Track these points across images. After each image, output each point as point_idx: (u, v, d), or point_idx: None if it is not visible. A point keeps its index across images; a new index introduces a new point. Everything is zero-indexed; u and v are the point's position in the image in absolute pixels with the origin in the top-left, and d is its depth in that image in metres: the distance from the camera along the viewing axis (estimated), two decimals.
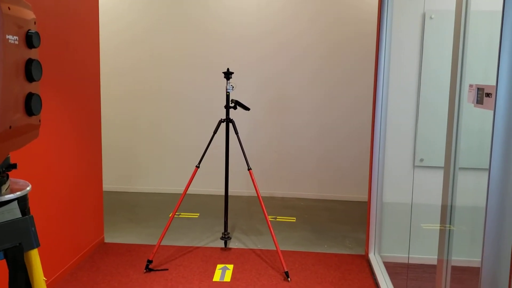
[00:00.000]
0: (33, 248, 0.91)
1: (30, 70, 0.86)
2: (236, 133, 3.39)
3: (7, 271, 0.88)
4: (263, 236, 3.86)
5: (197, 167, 3.39)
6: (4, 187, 0.90)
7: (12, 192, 0.90)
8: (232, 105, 3.44)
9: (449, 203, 2.06)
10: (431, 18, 3.06)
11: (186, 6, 4.91)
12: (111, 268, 3.16)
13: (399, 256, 3.30)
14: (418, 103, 3.15)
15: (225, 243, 3.58)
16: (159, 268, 3.17)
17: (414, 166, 3.18)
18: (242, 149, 3.35)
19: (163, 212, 4.44)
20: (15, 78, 0.83)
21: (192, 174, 3.34)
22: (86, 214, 3.35)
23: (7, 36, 0.80)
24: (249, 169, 3.32)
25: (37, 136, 0.93)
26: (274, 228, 3.82)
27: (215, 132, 3.42)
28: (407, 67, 3.15)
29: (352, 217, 4.47)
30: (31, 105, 0.87)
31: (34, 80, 0.88)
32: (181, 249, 3.53)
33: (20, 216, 0.90)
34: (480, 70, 2.18)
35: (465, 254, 2.49)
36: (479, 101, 1.67)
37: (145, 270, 3.13)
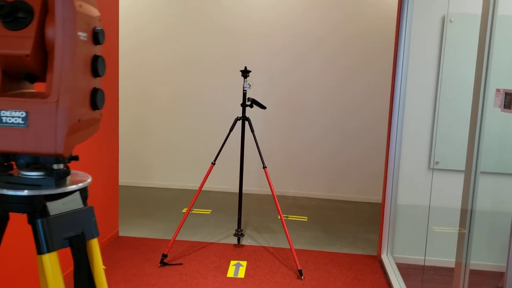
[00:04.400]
0: (93, 237, 0.95)
1: (96, 66, 0.90)
2: (252, 131, 3.42)
3: (64, 257, 0.91)
4: (275, 234, 3.89)
5: (213, 164, 3.42)
6: (68, 178, 0.94)
7: (73, 183, 0.94)
8: (249, 103, 3.47)
9: (469, 207, 2.09)
10: (451, 21, 3.08)
11: (198, 4, 4.94)
12: (126, 262, 3.20)
13: (412, 257, 3.32)
14: (436, 106, 3.17)
15: (238, 240, 3.61)
16: (173, 263, 3.21)
17: (430, 169, 3.21)
18: (258, 148, 3.37)
19: (176, 207, 4.48)
20: (83, 73, 0.87)
21: (208, 171, 3.37)
22: (102, 207, 3.39)
23: (78, 33, 0.84)
24: (264, 167, 3.35)
25: (98, 129, 0.96)
26: (286, 227, 3.85)
27: (231, 130, 3.44)
28: (426, 68, 3.17)
29: (363, 218, 4.49)
30: (96, 99, 0.90)
31: (99, 76, 0.91)
32: (195, 244, 3.56)
33: (83, 206, 0.94)
34: (505, 74, 2.20)
35: (482, 258, 2.51)
36: (506, 106, 1.69)
37: (160, 264, 3.16)
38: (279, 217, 4.34)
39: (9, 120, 0.83)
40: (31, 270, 2.34)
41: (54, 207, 0.89)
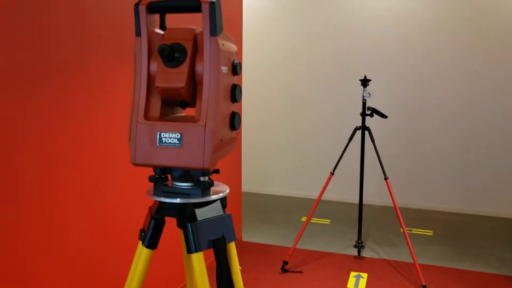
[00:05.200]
0: (231, 240, 1.10)
1: (235, 93, 1.05)
2: (373, 141, 3.40)
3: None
4: (397, 247, 3.78)
5: (332, 174, 3.47)
6: (212, 188, 1.11)
7: (214, 193, 1.10)
8: (369, 112, 3.45)
9: None
10: None
11: (322, 11, 5.05)
12: (249, 266, 3.39)
13: None
14: None
15: (359, 252, 3.59)
16: (294, 270, 3.31)
17: None
18: (379, 158, 3.34)
19: (295, 215, 4.61)
20: (225, 100, 1.03)
21: (327, 181, 3.43)
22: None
23: (222, 67, 0.99)
24: (386, 178, 3.30)
25: (235, 147, 1.12)
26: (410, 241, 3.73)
27: (350, 140, 3.46)
28: None
29: (498, 234, 4.13)
30: (234, 121, 1.05)
31: (236, 101, 1.07)
32: (314, 253, 3.63)
33: (223, 213, 1.10)
34: None
35: None
36: None
37: (280, 271, 3.28)
38: (401, 230, 4.20)
39: (168, 140, 1.01)
40: (172, 268, 2.64)
41: (201, 213, 1.05)
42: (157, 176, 1.09)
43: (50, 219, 1.73)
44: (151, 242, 1.13)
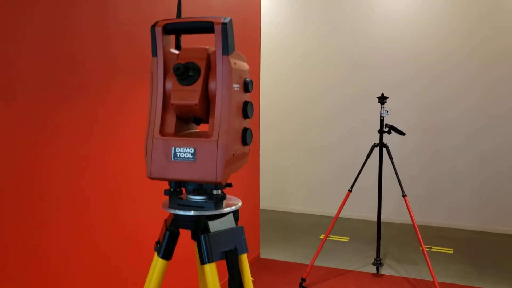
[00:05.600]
0: (243, 252, 1.13)
1: (246, 110, 1.10)
2: (390, 158, 3.39)
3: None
4: (416, 265, 3.73)
5: (350, 191, 3.46)
6: (224, 201, 1.15)
7: (227, 206, 1.14)
8: (386, 129, 3.45)
9: None
10: None
11: (339, 29, 5.10)
12: (267, 283, 3.39)
13: None
14: None
15: (377, 269, 3.55)
16: None
17: None
18: (397, 175, 3.33)
19: (313, 233, 4.59)
20: (237, 116, 1.07)
21: (345, 198, 3.43)
22: (244, 229, 3.66)
23: (233, 85, 1.04)
24: (404, 195, 3.28)
25: (247, 161, 1.16)
26: (429, 259, 3.67)
27: (368, 157, 3.46)
28: None
29: None
30: (246, 137, 1.10)
31: (248, 118, 1.11)
32: (332, 271, 3.61)
33: (235, 226, 1.13)
34: None
35: None
36: None
37: None
38: (421, 248, 4.14)
39: (182, 155, 1.06)
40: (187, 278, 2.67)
41: (214, 226, 1.09)
42: (172, 189, 1.13)
43: (74, 226, 1.83)
44: (166, 253, 1.17)
